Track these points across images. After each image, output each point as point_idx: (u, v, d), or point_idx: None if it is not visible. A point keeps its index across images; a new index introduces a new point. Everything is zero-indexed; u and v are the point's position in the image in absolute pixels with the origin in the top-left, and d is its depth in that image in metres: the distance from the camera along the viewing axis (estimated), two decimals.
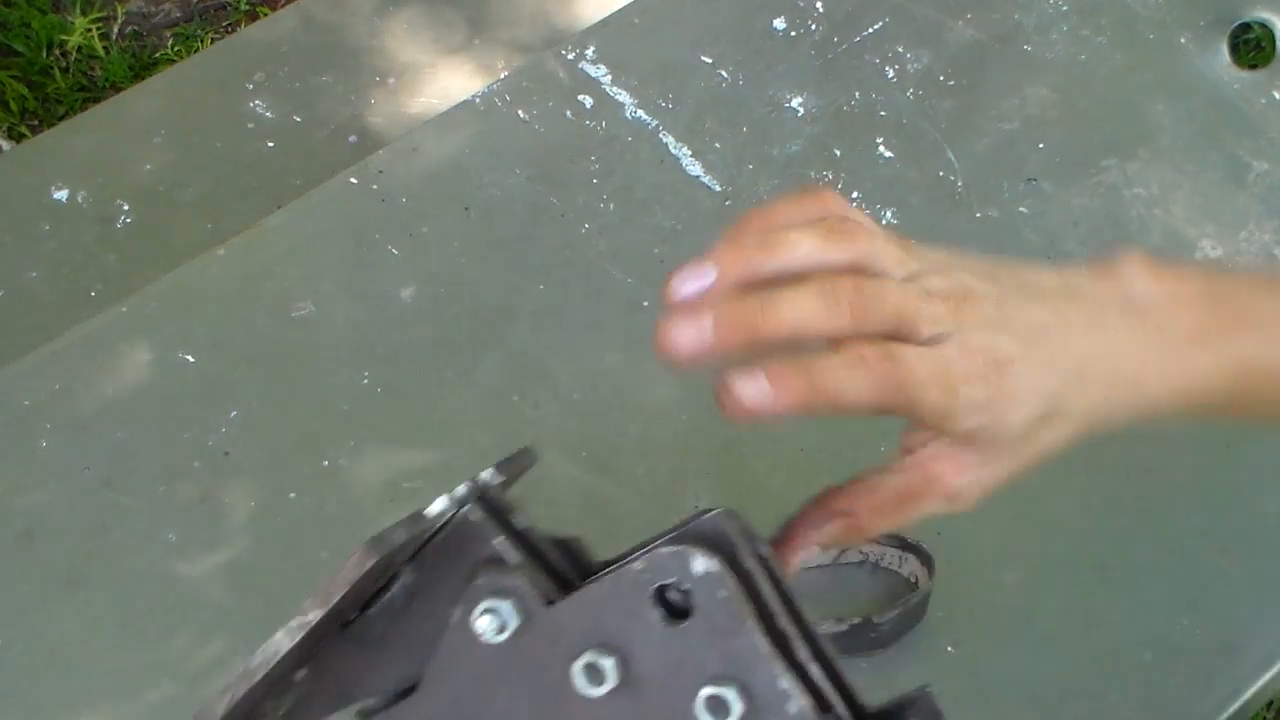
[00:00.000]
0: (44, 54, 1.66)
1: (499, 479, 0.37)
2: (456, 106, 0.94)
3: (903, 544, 0.74)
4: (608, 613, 0.32)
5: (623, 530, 0.76)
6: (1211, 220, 0.91)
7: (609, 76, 0.95)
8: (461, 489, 0.35)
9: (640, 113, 0.94)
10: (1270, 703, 1.41)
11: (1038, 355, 0.38)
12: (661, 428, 0.81)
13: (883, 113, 0.94)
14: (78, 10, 1.69)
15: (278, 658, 0.33)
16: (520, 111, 0.93)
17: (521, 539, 0.36)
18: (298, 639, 0.33)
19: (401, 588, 0.35)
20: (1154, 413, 0.40)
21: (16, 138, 1.60)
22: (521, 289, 0.86)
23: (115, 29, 1.70)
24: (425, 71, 1.04)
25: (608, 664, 0.32)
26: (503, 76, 0.97)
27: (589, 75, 0.95)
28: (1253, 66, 0.98)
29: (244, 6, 1.73)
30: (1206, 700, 0.73)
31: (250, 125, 0.99)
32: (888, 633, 0.71)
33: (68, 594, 0.75)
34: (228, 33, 1.70)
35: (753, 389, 0.36)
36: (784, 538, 0.42)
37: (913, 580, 0.74)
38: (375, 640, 0.36)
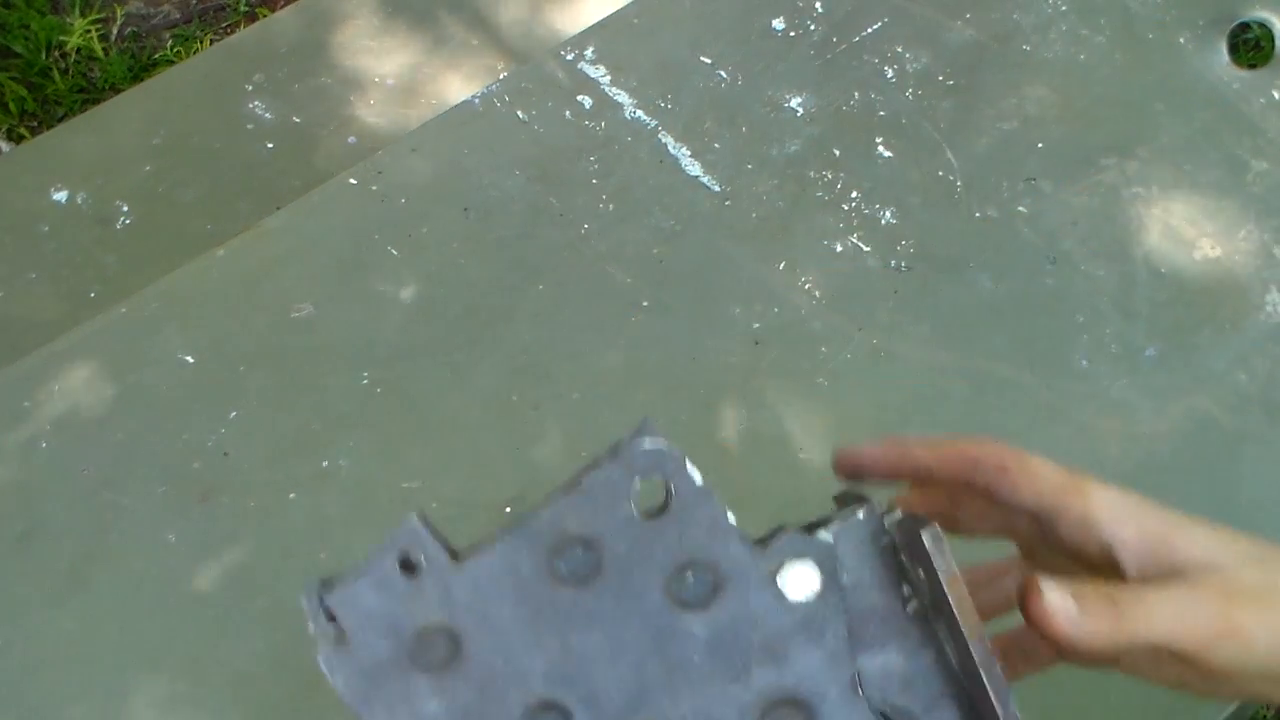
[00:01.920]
0: (43, 55, 1.66)
1: None
2: (456, 107, 0.94)
3: None
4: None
5: None
6: (1210, 219, 0.91)
7: (608, 77, 0.95)
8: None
9: (639, 113, 0.94)
10: None
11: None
12: (660, 427, 0.81)
13: (882, 113, 0.94)
14: (77, 12, 1.69)
15: None
16: (520, 112, 0.94)
17: None
18: None
19: None
20: None
21: (16, 139, 1.60)
22: (521, 289, 0.86)
23: (114, 30, 1.70)
24: (425, 72, 1.04)
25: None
26: (502, 77, 0.97)
27: (588, 76, 0.95)
28: (1252, 66, 0.98)
29: (243, 8, 1.74)
30: (1207, 698, 0.73)
31: (250, 126, 1.00)
32: None
33: (68, 594, 0.75)
34: (227, 34, 1.70)
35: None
36: None
37: None
38: None
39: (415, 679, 0.34)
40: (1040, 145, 0.93)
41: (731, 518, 0.35)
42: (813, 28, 0.98)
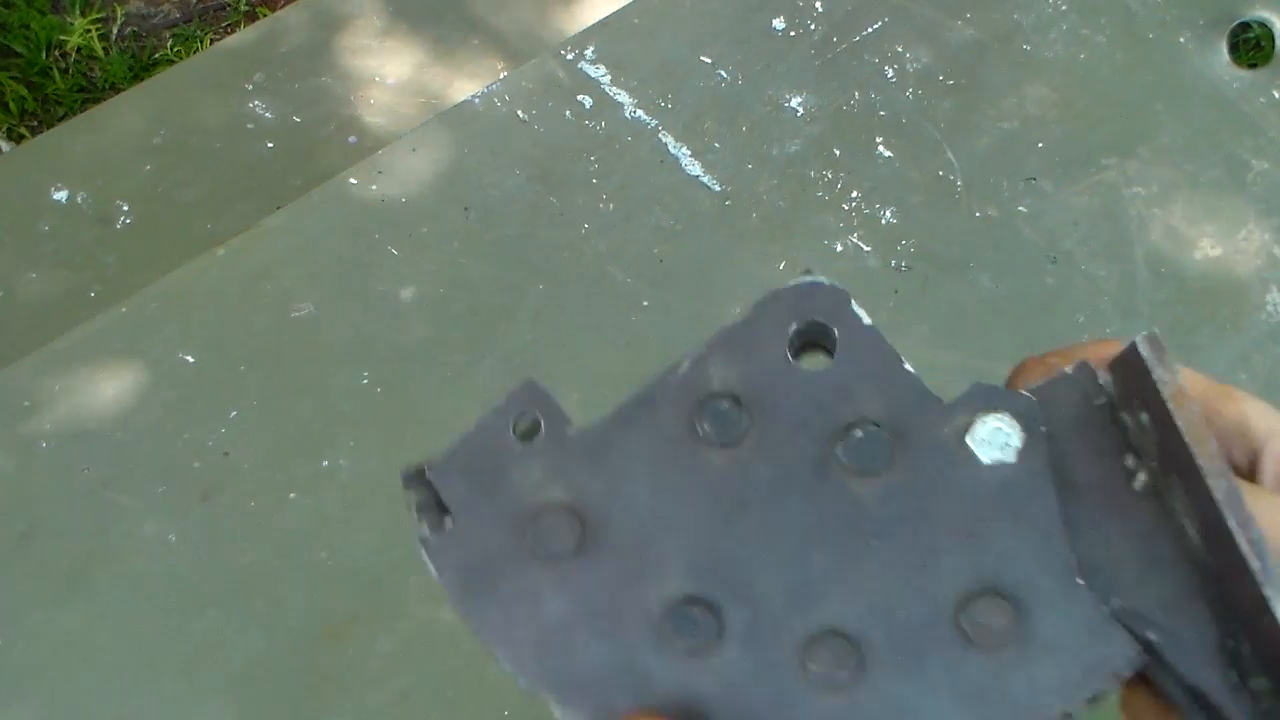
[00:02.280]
0: (43, 55, 1.66)
1: None
2: (456, 106, 0.94)
3: None
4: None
5: None
6: (1211, 219, 0.91)
7: (608, 76, 0.95)
8: None
9: (640, 113, 0.94)
10: None
11: None
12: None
13: (882, 112, 0.94)
14: (77, 11, 1.69)
15: None
16: (520, 111, 0.94)
17: None
18: None
19: None
20: None
21: (16, 138, 1.60)
22: (521, 289, 0.86)
23: (114, 30, 1.70)
24: (425, 71, 1.04)
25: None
26: (502, 76, 0.97)
27: (589, 75, 0.95)
28: (1252, 65, 0.98)
29: (243, 7, 1.73)
30: None
31: (250, 125, 1.00)
32: None
33: (68, 594, 0.75)
34: (227, 33, 1.70)
35: None
36: None
37: None
38: None
39: (534, 571, 0.28)
40: (1041, 145, 0.93)
41: (909, 365, 0.29)
42: (813, 27, 0.98)
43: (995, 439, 0.28)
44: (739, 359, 0.29)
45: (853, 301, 0.29)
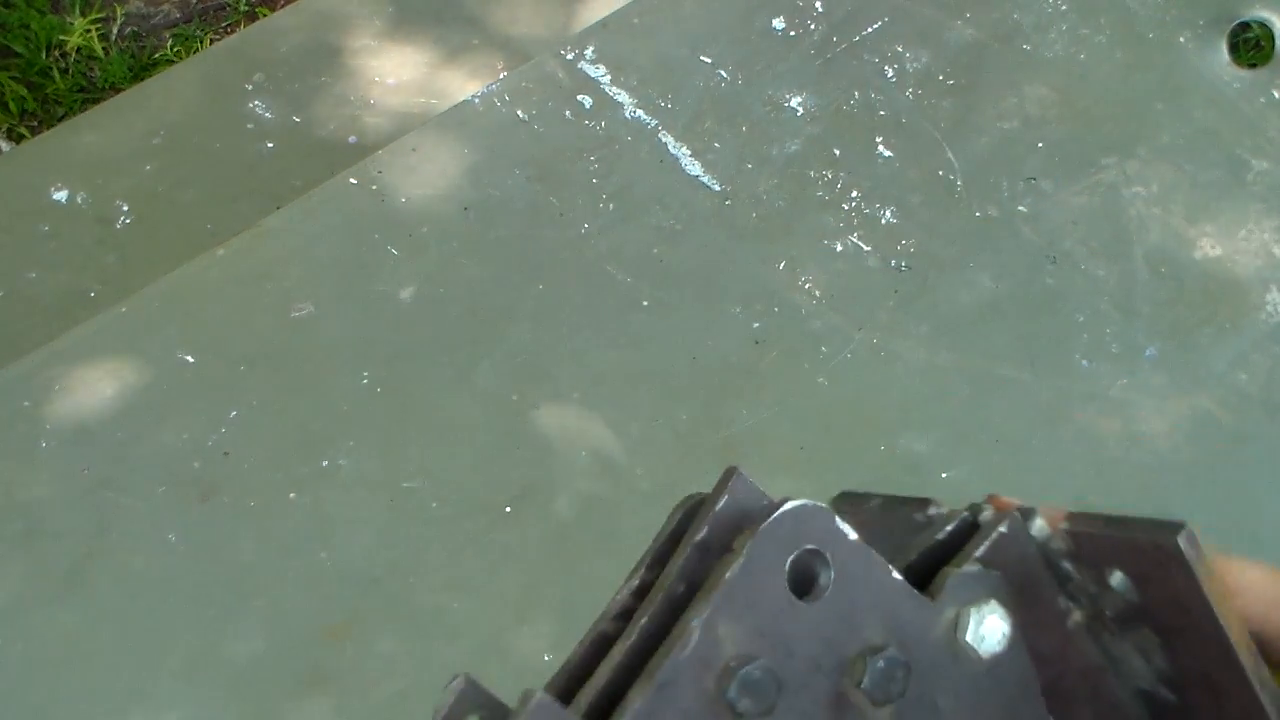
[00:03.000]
0: (43, 55, 1.66)
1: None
2: (456, 106, 0.94)
3: None
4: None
5: (622, 530, 0.77)
6: (1211, 219, 0.91)
7: (608, 76, 0.95)
8: None
9: (640, 113, 0.94)
10: None
11: None
12: (661, 427, 0.81)
13: (882, 112, 0.94)
14: (77, 11, 1.69)
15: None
16: (519, 111, 0.93)
17: None
18: None
19: None
20: None
21: (16, 139, 1.60)
22: (521, 289, 0.86)
23: (114, 30, 1.70)
24: (425, 71, 1.04)
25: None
26: (502, 77, 0.97)
27: (588, 75, 0.95)
28: (1252, 65, 0.98)
29: (243, 7, 1.73)
30: None
31: (250, 126, 1.00)
32: None
33: (68, 594, 0.75)
34: (227, 33, 1.70)
35: None
36: None
37: None
38: None
39: None
40: (1040, 145, 0.93)
41: (895, 573, 0.28)
42: (813, 27, 0.98)
43: (991, 633, 0.29)
44: (745, 613, 0.27)
45: (837, 518, 0.28)
